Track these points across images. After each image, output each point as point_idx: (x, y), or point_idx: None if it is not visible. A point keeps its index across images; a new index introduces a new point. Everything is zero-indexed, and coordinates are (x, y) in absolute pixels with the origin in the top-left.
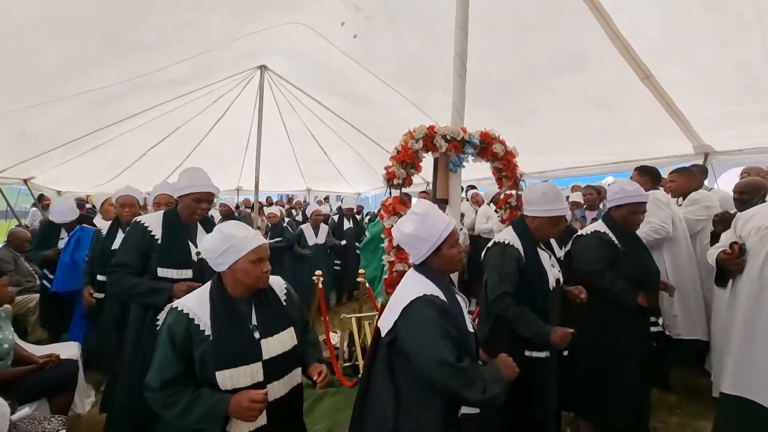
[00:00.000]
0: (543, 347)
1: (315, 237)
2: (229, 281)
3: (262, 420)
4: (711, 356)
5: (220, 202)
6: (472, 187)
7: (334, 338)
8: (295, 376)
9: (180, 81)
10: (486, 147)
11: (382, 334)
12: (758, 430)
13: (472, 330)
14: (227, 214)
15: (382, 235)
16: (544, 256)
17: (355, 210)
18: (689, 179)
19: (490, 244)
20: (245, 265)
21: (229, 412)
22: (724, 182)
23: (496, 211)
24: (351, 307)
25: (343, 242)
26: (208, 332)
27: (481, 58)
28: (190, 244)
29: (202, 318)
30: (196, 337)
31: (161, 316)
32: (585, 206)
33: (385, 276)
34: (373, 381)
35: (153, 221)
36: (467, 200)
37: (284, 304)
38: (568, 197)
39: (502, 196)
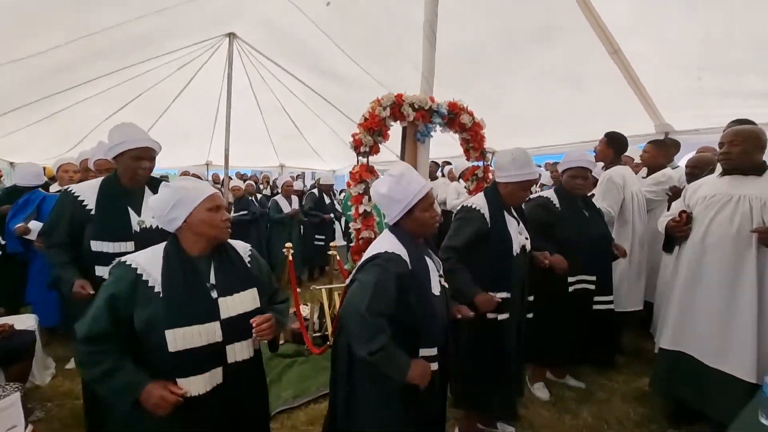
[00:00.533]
0: (504, 309)
1: (289, 207)
2: (186, 238)
3: (217, 378)
4: (654, 321)
5: (189, 174)
6: (448, 163)
7: (305, 310)
8: (258, 341)
9: (141, 45)
10: (454, 117)
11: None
12: (688, 379)
13: (439, 292)
14: None
15: (349, 203)
16: (512, 222)
17: (334, 186)
18: (661, 153)
19: (458, 207)
20: (202, 215)
21: (141, 397)
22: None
23: (465, 187)
24: (323, 282)
25: (331, 215)
26: (158, 289)
27: (453, 30)
28: (132, 212)
29: (152, 274)
30: (144, 294)
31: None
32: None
33: (352, 244)
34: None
35: (86, 189)
36: (444, 176)
37: (248, 265)
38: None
39: (469, 169)
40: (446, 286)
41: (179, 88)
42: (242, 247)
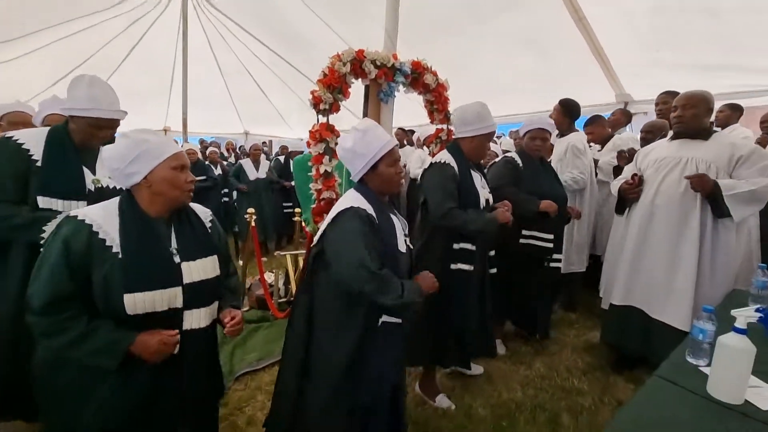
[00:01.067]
0: (468, 260)
1: (256, 171)
2: (143, 197)
3: (173, 350)
4: (602, 280)
5: None
6: (413, 131)
7: (270, 277)
8: (215, 310)
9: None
10: (417, 77)
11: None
12: (635, 330)
13: (405, 250)
14: None
15: (309, 163)
16: (476, 176)
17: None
18: (603, 127)
19: (426, 166)
20: (166, 173)
21: (132, 350)
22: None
23: (430, 151)
24: (291, 249)
25: (293, 183)
26: (116, 249)
27: None
28: (86, 170)
29: (109, 232)
30: (100, 253)
31: (48, 228)
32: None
33: (313, 205)
34: (296, 299)
35: (31, 138)
36: (412, 144)
37: (209, 231)
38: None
39: (433, 131)
40: (411, 247)
41: (130, 46)
42: (203, 212)
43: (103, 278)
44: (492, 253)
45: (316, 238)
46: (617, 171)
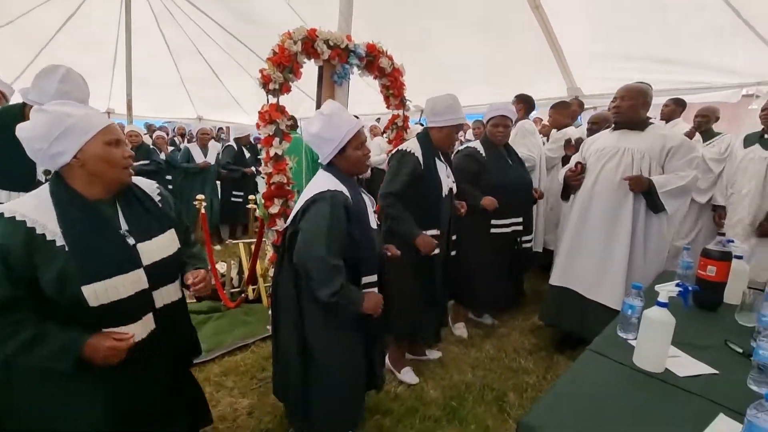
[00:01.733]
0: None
1: (203, 157)
2: (77, 178)
3: (150, 325)
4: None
5: None
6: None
7: (223, 267)
8: (179, 285)
9: None
10: (372, 60)
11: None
12: (571, 310)
13: (376, 226)
14: None
15: (259, 146)
16: (441, 166)
17: (252, 138)
18: (564, 116)
19: (393, 152)
20: (98, 150)
21: (85, 352)
22: None
23: (386, 136)
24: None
25: (252, 169)
26: (60, 242)
27: None
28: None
29: (48, 226)
30: (44, 252)
31: None
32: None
33: (263, 190)
34: (279, 277)
35: None
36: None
37: (159, 205)
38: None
39: (390, 117)
40: (379, 223)
41: (65, 15)
42: (148, 185)
43: (57, 276)
44: (454, 237)
45: (290, 219)
46: (565, 160)
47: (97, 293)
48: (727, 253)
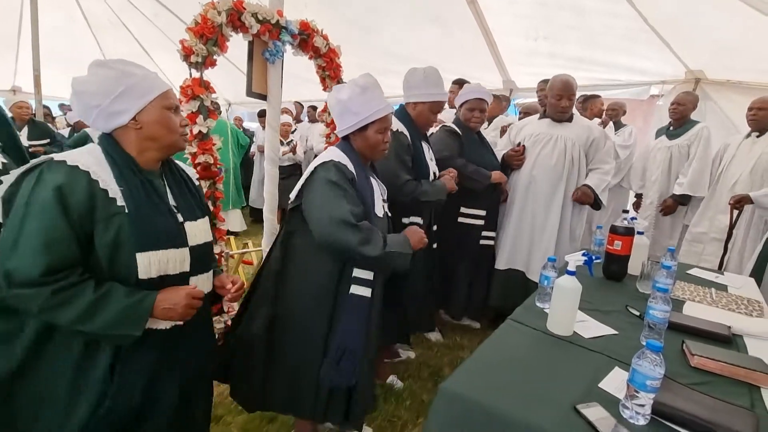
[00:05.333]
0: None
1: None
2: (131, 142)
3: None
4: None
5: None
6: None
7: None
8: (211, 276)
9: None
10: (306, 39)
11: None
12: (516, 290)
13: (381, 215)
14: None
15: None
16: (426, 148)
17: None
18: (499, 107)
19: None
20: (159, 114)
21: (155, 311)
22: None
23: (323, 120)
24: None
25: None
26: (121, 203)
27: None
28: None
29: (110, 184)
30: (105, 208)
31: (6, 180)
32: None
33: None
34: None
35: None
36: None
37: (201, 191)
38: None
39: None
40: (389, 213)
41: None
42: (188, 168)
43: (111, 240)
44: (435, 228)
45: (292, 195)
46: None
47: (150, 263)
48: (630, 228)
